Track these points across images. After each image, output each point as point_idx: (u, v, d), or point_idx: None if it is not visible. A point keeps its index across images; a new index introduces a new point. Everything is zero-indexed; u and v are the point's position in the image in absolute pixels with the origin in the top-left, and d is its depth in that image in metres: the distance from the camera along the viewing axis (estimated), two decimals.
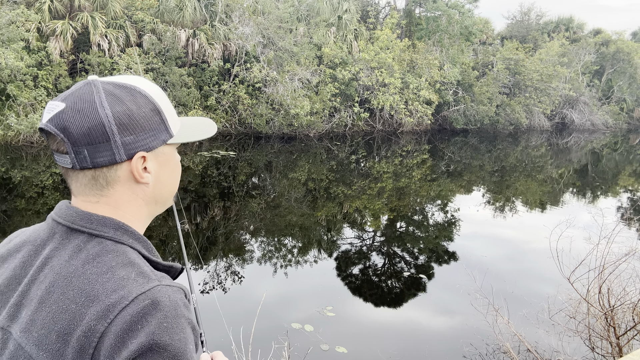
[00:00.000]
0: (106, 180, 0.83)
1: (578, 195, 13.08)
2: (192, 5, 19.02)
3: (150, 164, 0.86)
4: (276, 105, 18.89)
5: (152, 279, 0.77)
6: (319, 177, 13.18)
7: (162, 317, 0.73)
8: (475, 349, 4.71)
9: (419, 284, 6.41)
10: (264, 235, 8.21)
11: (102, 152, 0.80)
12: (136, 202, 0.87)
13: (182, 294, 0.79)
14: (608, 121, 31.42)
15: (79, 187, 0.84)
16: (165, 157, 0.89)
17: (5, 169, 11.59)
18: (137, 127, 0.82)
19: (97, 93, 0.80)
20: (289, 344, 4.32)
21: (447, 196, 11.94)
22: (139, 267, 0.79)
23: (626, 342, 3.98)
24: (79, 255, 0.79)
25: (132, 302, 0.73)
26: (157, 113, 0.86)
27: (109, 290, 0.74)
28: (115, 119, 0.79)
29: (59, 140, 0.79)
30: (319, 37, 21.49)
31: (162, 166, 0.89)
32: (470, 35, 25.39)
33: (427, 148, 20.01)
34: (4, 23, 14.23)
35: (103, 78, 0.84)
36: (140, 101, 0.83)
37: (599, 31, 36.55)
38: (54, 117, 0.79)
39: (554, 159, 19.18)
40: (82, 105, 0.79)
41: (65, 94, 0.81)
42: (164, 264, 0.86)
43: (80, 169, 0.81)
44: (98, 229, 0.81)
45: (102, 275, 0.76)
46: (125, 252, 0.80)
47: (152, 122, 0.84)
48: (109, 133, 0.79)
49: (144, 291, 0.74)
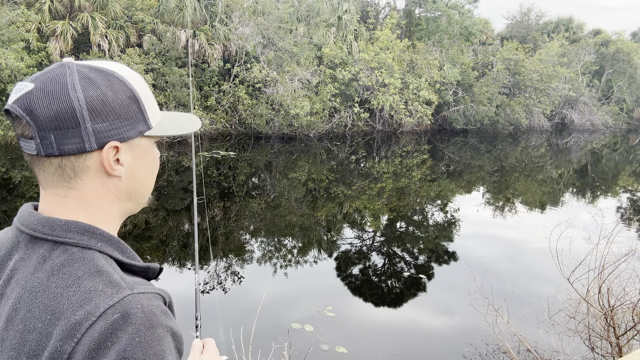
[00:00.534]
0: (73, 170, 0.76)
1: (578, 195, 13.08)
2: (192, 6, 19.03)
3: (124, 156, 0.79)
4: (276, 105, 18.90)
5: (122, 288, 0.70)
6: (319, 177, 13.18)
7: (133, 331, 0.67)
8: (475, 349, 4.71)
9: (419, 284, 6.42)
10: (264, 235, 8.21)
11: (71, 139, 0.73)
12: (108, 197, 0.80)
13: (158, 300, 0.73)
14: (608, 121, 31.43)
15: (47, 177, 0.77)
16: (142, 150, 0.82)
17: (5, 169, 11.60)
18: (111, 114, 0.75)
19: (71, 75, 0.73)
20: (289, 344, 4.33)
21: (447, 196, 11.94)
22: (107, 275, 0.71)
23: (626, 342, 3.98)
24: (44, 266, 0.72)
25: (99, 318, 0.66)
26: (135, 101, 0.78)
27: (74, 306, 0.68)
28: (87, 103, 0.73)
29: (24, 123, 0.73)
30: (319, 37, 21.50)
31: (137, 159, 0.81)
32: (470, 35, 25.40)
33: (427, 148, 20.01)
34: (4, 23, 14.23)
35: (79, 61, 0.78)
36: (117, 87, 0.76)
37: (599, 31, 36.58)
38: (20, 97, 0.73)
39: (553, 159, 19.19)
40: (52, 87, 0.72)
41: (36, 75, 0.75)
42: (139, 266, 0.79)
43: (46, 155, 0.74)
44: (62, 236, 0.74)
45: (68, 289, 0.69)
46: (92, 258, 0.73)
47: (128, 111, 0.77)
48: (79, 118, 0.72)
49: (113, 304, 0.68)
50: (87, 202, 0.78)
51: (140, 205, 0.88)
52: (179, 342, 0.74)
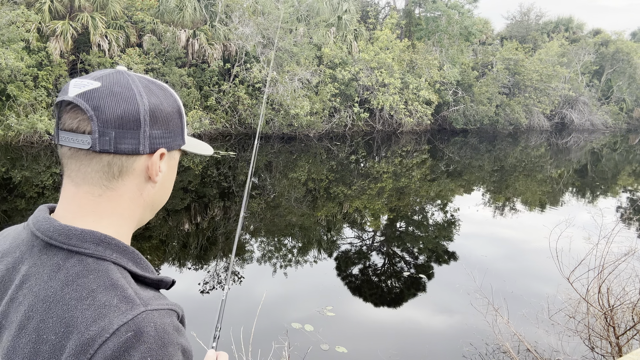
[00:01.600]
0: (120, 169, 0.78)
1: (577, 195, 13.09)
2: (192, 6, 19.03)
3: (163, 165, 0.84)
4: (276, 105, 18.90)
5: (136, 305, 0.70)
6: (319, 177, 13.18)
7: (145, 350, 0.67)
8: (475, 349, 4.72)
9: (419, 283, 6.42)
10: (264, 235, 8.21)
11: (128, 139, 0.76)
12: (137, 202, 0.83)
13: (171, 317, 0.74)
14: (607, 121, 31.44)
15: (89, 173, 0.77)
16: (174, 162, 0.88)
17: (5, 169, 11.60)
18: (165, 123, 0.81)
19: (134, 82, 0.78)
20: (289, 344, 4.33)
21: (446, 196, 11.94)
22: (122, 290, 0.72)
23: (626, 342, 3.99)
24: (58, 275, 0.73)
25: (113, 335, 0.67)
26: (180, 116, 0.85)
27: (89, 320, 0.68)
28: (150, 110, 0.78)
29: (83, 117, 0.74)
30: (319, 37, 21.50)
31: (170, 170, 0.87)
32: (469, 35, 25.40)
33: (426, 148, 20.01)
34: (4, 23, 14.23)
35: (131, 72, 0.82)
36: (171, 101, 0.83)
37: (599, 31, 36.58)
38: (86, 92, 0.74)
39: (553, 159, 19.19)
40: (119, 89, 0.76)
41: (97, 75, 0.78)
42: (152, 279, 0.79)
43: (99, 151, 0.75)
44: (77, 245, 0.74)
45: (82, 302, 0.70)
46: (107, 270, 0.74)
47: (175, 124, 0.84)
48: (141, 121, 0.77)
49: (126, 321, 0.68)
50: (118, 205, 0.80)
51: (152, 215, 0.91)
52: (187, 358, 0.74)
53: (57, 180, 10.90)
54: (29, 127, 13.90)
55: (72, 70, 16.92)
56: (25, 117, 14.21)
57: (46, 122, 14.08)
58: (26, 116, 14.26)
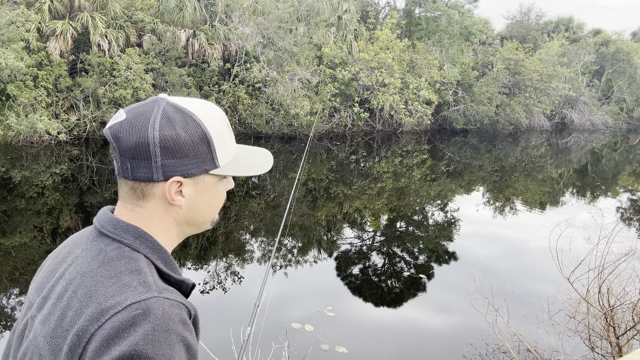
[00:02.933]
0: (143, 193, 0.87)
1: (578, 195, 13.08)
2: (192, 6, 19.02)
3: (187, 189, 0.89)
4: (276, 105, 18.89)
5: (152, 289, 0.78)
6: (319, 177, 13.18)
7: (149, 328, 0.73)
8: (475, 349, 4.71)
9: (419, 284, 6.42)
10: (264, 235, 8.21)
11: (142, 169, 0.85)
12: (167, 220, 0.90)
13: (181, 309, 0.79)
14: (608, 121, 31.42)
15: (123, 192, 0.90)
16: (206, 185, 0.91)
17: (5, 169, 11.59)
18: (180, 152, 0.85)
19: (156, 112, 0.84)
20: (288, 344, 4.33)
21: (447, 196, 11.94)
22: (144, 275, 0.80)
23: (626, 342, 3.98)
24: (99, 257, 0.83)
25: (124, 309, 0.74)
26: (206, 143, 0.87)
27: (109, 295, 0.77)
28: (161, 141, 0.83)
29: (112, 147, 0.86)
30: (319, 37, 21.48)
31: (199, 193, 0.91)
32: (470, 35, 25.39)
33: (427, 148, 20.01)
34: (4, 23, 14.22)
35: (172, 98, 0.88)
36: (192, 128, 0.86)
37: (599, 31, 36.56)
38: (113, 125, 0.85)
39: (553, 159, 19.19)
40: (138, 121, 0.84)
41: (132, 106, 0.88)
42: (175, 278, 0.87)
43: (123, 177, 0.87)
44: (120, 235, 0.85)
45: (109, 279, 0.79)
46: (137, 259, 0.83)
47: (197, 150, 0.86)
48: (151, 153, 0.83)
49: (139, 300, 0.75)
50: (149, 219, 0.89)
51: (201, 229, 0.98)
52: (192, 356, 0.78)
53: (57, 180, 10.90)
54: (29, 127, 13.90)
55: (72, 70, 16.91)
56: (25, 117, 14.20)
57: (46, 122, 14.07)
58: (26, 116, 14.25)
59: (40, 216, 8.40)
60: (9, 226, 7.68)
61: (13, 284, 5.79)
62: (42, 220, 8.17)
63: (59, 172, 11.68)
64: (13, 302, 5.36)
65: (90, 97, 16.32)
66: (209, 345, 3.77)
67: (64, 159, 13.27)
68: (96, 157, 13.85)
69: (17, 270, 6.17)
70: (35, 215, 8.39)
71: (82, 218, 8.45)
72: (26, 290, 5.63)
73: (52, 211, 8.76)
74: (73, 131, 15.78)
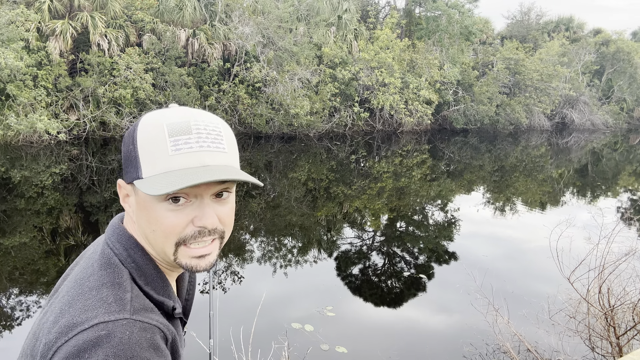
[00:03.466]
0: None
1: (578, 195, 13.07)
2: (192, 5, 19.01)
3: (131, 199, 0.88)
4: (276, 105, 18.88)
5: (125, 310, 0.75)
6: (319, 177, 13.18)
7: (111, 353, 0.70)
8: (475, 349, 4.71)
9: (419, 283, 6.41)
10: (264, 235, 8.21)
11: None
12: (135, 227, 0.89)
13: (154, 334, 0.75)
14: (608, 121, 31.41)
15: None
16: (140, 199, 0.83)
17: (5, 169, 11.59)
18: (124, 154, 0.86)
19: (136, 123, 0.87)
20: (288, 344, 4.32)
21: (447, 196, 11.93)
22: (123, 291, 0.78)
23: (626, 342, 3.98)
24: (95, 263, 0.84)
25: (90, 328, 0.72)
26: (134, 149, 0.82)
27: (84, 308, 0.76)
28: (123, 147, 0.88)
29: None
30: (319, 36, 21.47)
31: (138, 208, 0.84)
32: (470, 35, 25.38)
33: (427, 148, 20.00)
34: (3, 23, 14.21)
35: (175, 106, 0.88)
36: (131, 129, 0.86)
37: (599, 31, 36.55)
38: None
39: (554, 158, 19.18)
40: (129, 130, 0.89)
41: None
42: (154, 298, 0.83)
43: None
44: (113, 244, 0.86)
45: (91, 291, 0.79)
46: (122, 273, 0.82)
47: (130, 155, 0.83)
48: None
49: (107, 320, 0.73)
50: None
51: (159, 254, 0.85)
52: None
53: (57, 180, 10.89)
54: (29, 126, 13.89)
55: (71, 70, 16.91)
56: (25, 116, 14.19)
57: (45, 122, 14.07)
58: (25, 116, 14.24)
59: (40, 216, 8.39)
60: (8, 226, 7.67)
61: (13, 284, 5.78)
62: (42, 220, 8.17)
63: (59, 172, 11.67)
64: (13, 302, 5.35)
65: (90, 97, 16.31)
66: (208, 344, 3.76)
67: (64, 158, 13.26)
68: (96, 157, 13.84)
69: (16, 270, 6.17)
70: (35, 215, 8.39)
71: (81, 218, 8.45)
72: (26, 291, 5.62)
73: (51, 211, 8.76)
74: (73, 131, 15.77)
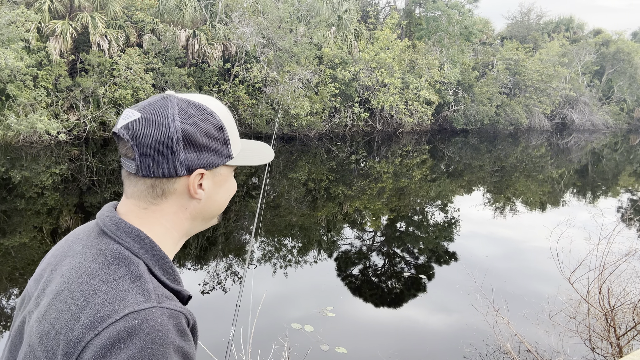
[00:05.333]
0: (163, 190, 0.87)
1: (578, 195, 13.07)
2: (192, 5, 19.01)
3: (206, 182, 0.89)
4: (276, 105, 18.88)
5: (150, 299, 0.76)
6: (319, 177, 13.17)
7: (147, 340, 0.72)
8: (476, 349, 4.71)
9: (419, 284, 6.41)
10: (264, 235, 8.21)
11: (165, 165, 0.84)
12: (183, 215, 0.90)
13: (179, 319, 0.78)
14: (608, 121, 31.42)
15: (136, 192, 0.88)
16: (222, 177, 0.92)
17: (5, 169, 11.59)
18: (201, 145, 0.86)
19: (172, 108, 0.84)
20: (288, 344, 4.32)
21: (447, 196, 11.93)
22: (144, 282, 0.79)
23: (626, 343, 3.98)
24: (99, 258, 0.82)
25: (122, 319, 0.73)
26: (222, 135, 0.89)
27: (107, 301, 0.75)
28: (183, 135, 0.83)
29: (128, 146, 0.84)
30: (319, 37, 21.47)
31: (216, 185, 0.92)
32: (470, 35, 25.37)
33: (427, 148, 20.00)
34: (3, 23, 14.21)
35: (179, 94, 0.88)
36: (209, 121, 0.87)
37: (599, 31, 36.55)
38: (128, 124, 0.84)
39: (554, 159, 19.18)
40: (156, 118, 0.83)
41: (142, 105, 0.86)
42: (171, 287, 0.85)
43: (143, 176, 0.85)
44: (121, 237, 0.83)
45: (108, 284, 0.77)
46: (138, 265, 0.81)
47: (216, 143, 0.88)
48: (175, 148, 0.83)
49: (137, 310, 0.74)
50: (161, 218, 0.88)
51: (209, 224, 0.97)
52: None
53: (57, 181, 10.90)
54: (29, 127, 13.89)
55: (71, 70, 16.91)
56: (25, 117, 14.20)
57: (45, 122, 14.07)
58: (26, 116, 14.24)
59: (40, 216, 8.40)
60: (8, 226, 7.67)
61: (13, 284, 5.78)
62: (42, 221, 8.17)
63: (59, 172, 11.67)
64: (13, 303, 5.35)
65: (90, 97, 16.31)
66: (208, 344, 3.77)
67: (64, 159, 13.26)
68: (96, 157, 13.84)
69: (16, 270, 6.17)
70: (35, 216, 8.39)
71: (81, 218, 8.45)
72: None
73: (51, 211, 8.76)
74: (73, 131, 15.77)
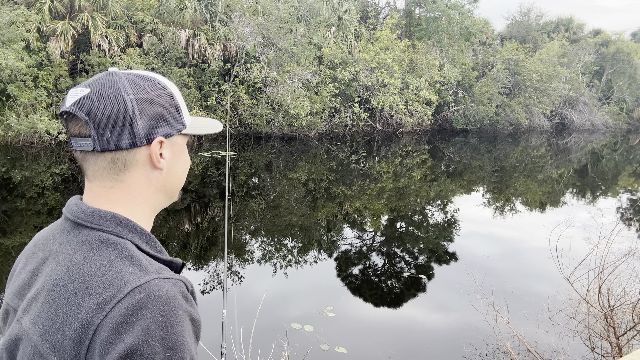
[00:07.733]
0: (124, 163, 0.86)
1: (578, 195, 13.08)
2: (192, 6, 19.02)
3: (165, 151, 0.90)
4: (276, 105, 18.89)
5: (149, 272, 0.78)
6: (319, 177, 13.18)
7: (157, 310, 0.73)
8: (475, 349, 4.71)
9: (419, 284, 6.42)
10: (264, 235, 8.21)
11: (124, 135, 0.83)
12: (149, 189, 0.90)
13: (181, 286, 0.79)
14: (608, 121, 31.43)
15: (97, 170, 0.86)
16: (179, 147, 0.93)
17: (5, 169, 11.59)
18: (157, 113, 0.86)
19: (121, 81, 0.84)
20: (288, 344, 4.33)
21: (447, 196, 11.94)
22: (137, 260, 0.79)
23: (626, 342, 3.98)
24: (82, 248, 0.81)
25: (127, 295, 0.73)
26: (174, 104, 0.90)
27: (106, 283, 0.75)
28: (138, 104, 0.84)
29: (81, 123, 0.83)
30: (319, 37, 21.49)
31: (175, 155, 0.93)
32: (470, 35, 25.39)
33: (427, 148, 20.01)
34: (4, 23, 14.22)
35: (123, 70, 0.88)
36: (160, 91, 0.88)
37: (599, 31, 36.58)
38: (79, 100, 0.82)
39: (553, 159, 19.19)
40: (107, 91, 0.83)
41: (89, 82, 0.85)
42: (163, 259, 0.86)
43: (101, 151, 0.84)
44: (99, 224, 0.83)
45: (101, 269, 0.78)
46: (125, 245, 0.81)
47: (169, 111, 0.89)
48: (132, 117, 0.83)
49: (140, 284, 0.75)
50: (129, 194, 0.88)
51: (173, 199, 0.98)
52: (197, 328, 0.80)
53: (57, 181, 10.90)
54: (29, 127, 13.90)
55: (72, 71, 16.92)
56: (25, 117, 14.20)
57: (46, 122, 14.07)
58: (26, 116, 14.25)
59: (41, 216, 8.40)
60: (9, 226, 7.68)
61: None
62: (42, 221, 8.17)
63: (59, 172, 11.68)
64: None
65: None
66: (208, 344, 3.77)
67: (64, 159, 13.27)
68: None
69: None
70: (36, 216, 8.39)
71: None
72: None
73: (52, 211, 8.76)
74: None
